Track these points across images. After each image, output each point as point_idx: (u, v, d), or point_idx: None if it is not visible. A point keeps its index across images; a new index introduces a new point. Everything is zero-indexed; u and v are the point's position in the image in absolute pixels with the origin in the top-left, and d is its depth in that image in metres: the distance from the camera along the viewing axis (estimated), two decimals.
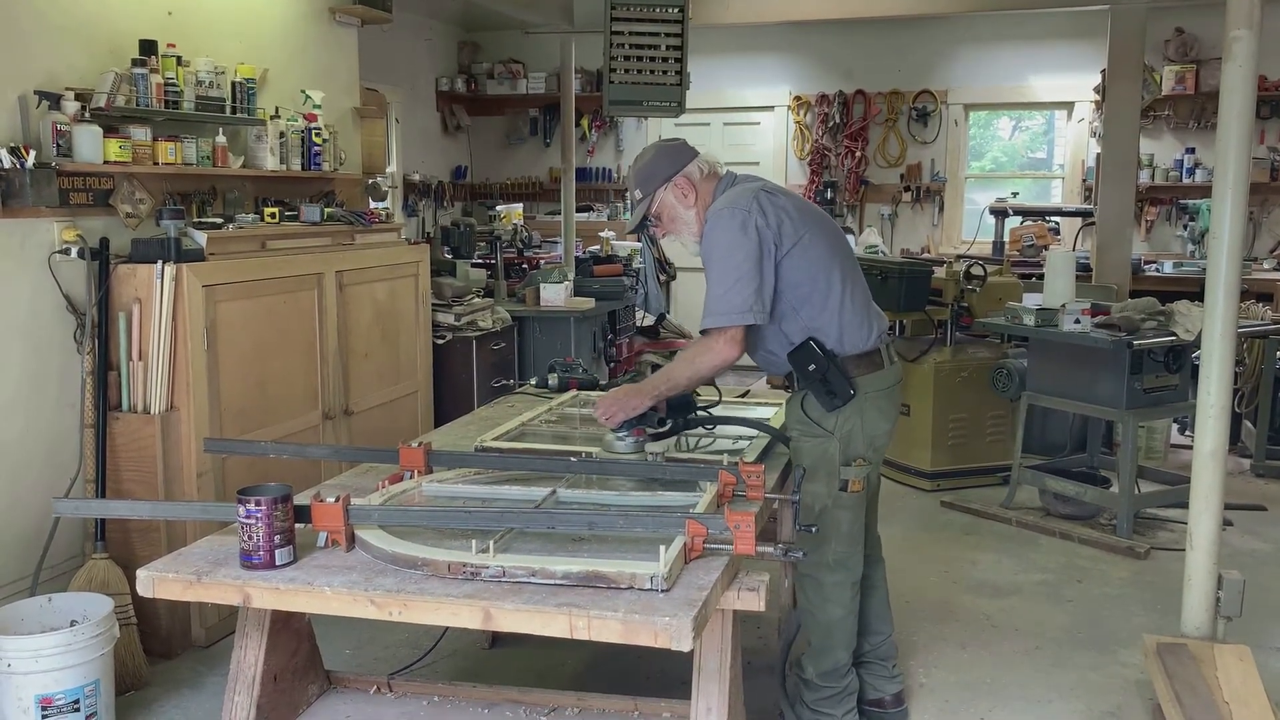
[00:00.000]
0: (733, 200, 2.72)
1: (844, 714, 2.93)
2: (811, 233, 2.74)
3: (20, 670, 2.74)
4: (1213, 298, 3.03)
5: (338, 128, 4.80)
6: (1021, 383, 5.11)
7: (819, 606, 2.88)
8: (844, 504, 2.80)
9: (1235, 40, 2.92)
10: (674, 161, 2.85)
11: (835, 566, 2.85)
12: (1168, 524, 4.82)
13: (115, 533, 3.37)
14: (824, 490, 2.78)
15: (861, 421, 2.78)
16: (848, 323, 2.76)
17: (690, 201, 2.83)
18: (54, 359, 3.40)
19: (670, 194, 2.83)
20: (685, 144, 2.95)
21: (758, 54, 8.52)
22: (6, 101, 3.28)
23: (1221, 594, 3.09)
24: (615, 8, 6.30)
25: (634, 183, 2.91)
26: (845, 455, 2.77)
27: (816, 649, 2.90)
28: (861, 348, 2.78)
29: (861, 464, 2.79)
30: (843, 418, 2.76)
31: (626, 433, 2.75)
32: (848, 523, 2.83)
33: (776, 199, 2.75)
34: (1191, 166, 7.62)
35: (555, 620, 1.90)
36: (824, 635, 2.88)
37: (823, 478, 2.78)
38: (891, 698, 3.08)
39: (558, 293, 5.88)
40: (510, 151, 9.09)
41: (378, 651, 3.50)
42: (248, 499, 2.08)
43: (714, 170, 2.89)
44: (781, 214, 2.71)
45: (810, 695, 2.93)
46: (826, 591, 2.86)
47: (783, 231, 2.69)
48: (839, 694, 2.92)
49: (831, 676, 2.90)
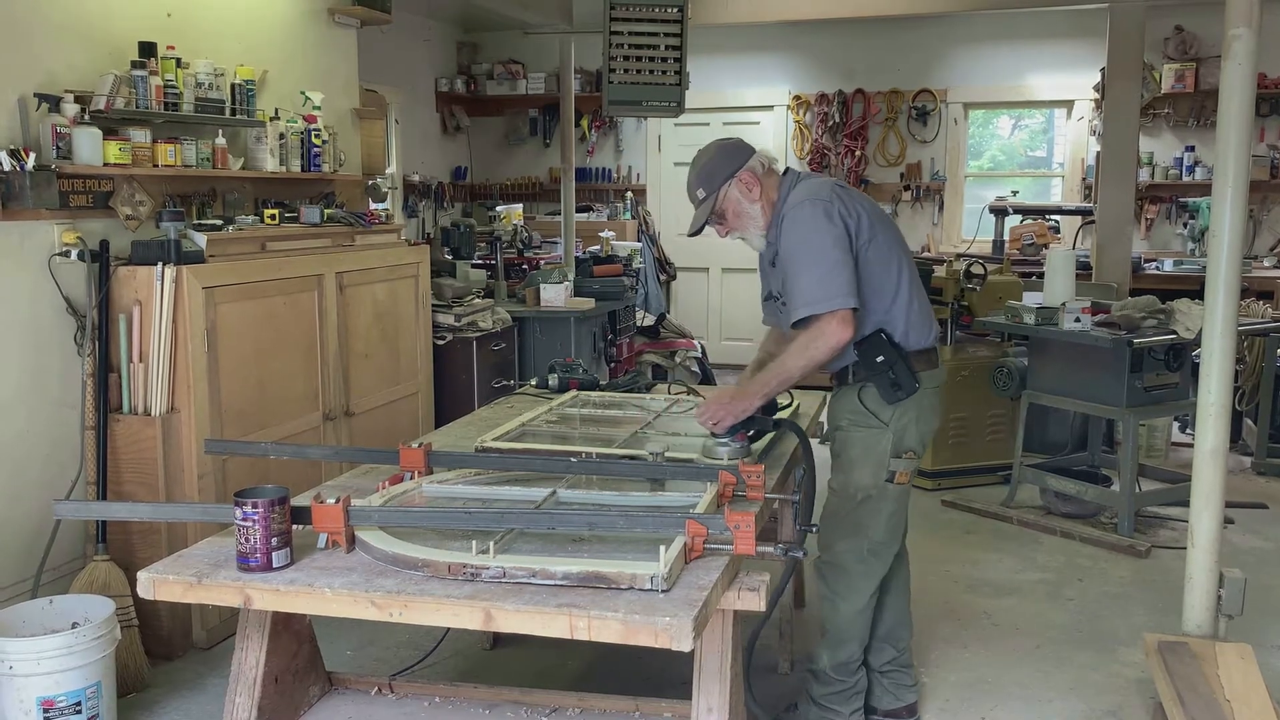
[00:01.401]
0: (813, 192, 2.74)
1: (851, 712, 2.94)
2: (881, 229, 2.78)
3: (22, 672, 2.74)
4: (1213, 296, 3.03)
5: (337, 129, 4.80)
6: (1022, 381, 5.11)
7: (844, 595, 2.89)
8: (889, 495, 2.83)
9: (1235, 38, 2.92)
10: (736, 158, 2.86)
11: (868, 557, 2.86)
12: (1169, 522, 4.82)
13: (116, 535, 3.37)
14: (869, 480, 2.82)
15: (917, 415, 2.82)
16: (913, 319, 2.80)
17: (755, 196, 2.84)
18: (54, 361, 3.41)
19: (735, 189, 2.84)
20: (743, 141, 2.97)
21: (757, 53, 8.52)
22: (6, 104, 3.28)
23: (1223, 592, 3.09)
24: (615, 8, 6.30)
25: (696, 182, 2.89)
26: (897, 447, 2.80)
27: (833, 639, 2.91)
28: (923, 344, 2.83)
29: (911, 457, 2.82)
30: (900, 410, 2.79)
31: (730, 437, 2.71)
32: (889, 514, 2.85)
33: (850, 192, 2.80)
34: (1191, 164, 7.61)
35: (556, 621, 1.90)
36: (844, 625, 2.89)
37: (870, 467, 2.81)
38: (906, 708, 3.08)
39: (558, 293, 5.88)
40: (510, 152, 9.10)
41: (378, 652, 3.50)
42: (244, 501, 2.08)
43: (771, 166, 2.91)
44: (858, 208, 2.75)
45: (819, 690, 2.93)
46: (854, 581, 2.87)
47: (860, 225, 2.73)
48: (848, 690, 2.92)
49: (844, 670, 2.91)
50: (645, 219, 8.78)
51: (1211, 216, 3.05)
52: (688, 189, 2.94)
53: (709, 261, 8.97)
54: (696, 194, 2.89)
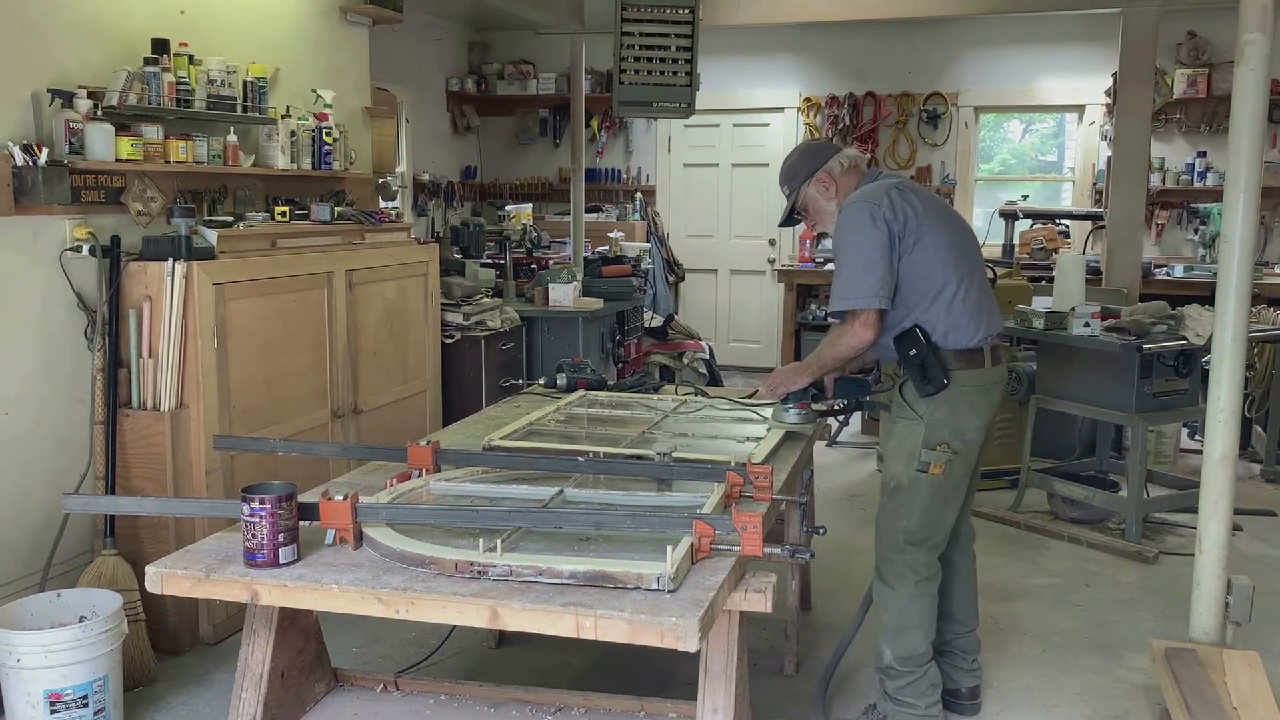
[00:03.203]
0: (866, 194, 2.89)
1: (927, 705, 2.94)
2: (935, 231, 2.87)
3: (29, 665, 2.75)
4: (1223, 302, 3.02)
5: (348, 127, 4.81)
6: (1031, 386, 5.10)
7: (891, 584, 2.95)
8: (922, 485, 2.89)
9: (1248, 44, 2.91)
10: (816, 158, 3.04)
11: (905, 546, 2.92)
12: (1177, 529, 4.81)
13: (124, 529, 3.38)
14: (902, 469, 2.91)
15: (951, 412, 2.88)
16: (955, 319, 2.87)
17: (831, 194, 3.01)
18: (65, 356, 3.42)
19: (813, 188, 3.03)
20: (829, 142, 3.23)
21: (768, 55, 8.52)
22: (20, 99, 3.30)
23: (1230, 599, 3.07)
24: (626, 8, 6.30)
25: (781, 180, 3.12)
26: (929, 439, 2.87)
27: (891, 630, 2.95)
28: (964, 344, 2.89)
29: (944, 449, 2.87)
30: (934, 405, 2.87)
31: (793, 404, 3.05)
32: (923, 505, 2.90)
33: (906, 195, 2.89)
34: (1203, 170, 7.58)
35: (562, 620, 1.90)
36: (898, 615, 2.93)
37: (904, 457, 2.91)
38: (968, 690, 3.16)
39: (566, 293, 5.88)
40: (520, 152, 9.11)
41: (384, 649, 3.51)
42: (252, 497, 2.08)
43: (855, 164, 3.05)
44: (908, 210, 2.85)
45: (891, 684, 2.96)
46: (898, 569, 2.94)
47: (907, 228, 2.83)
48: (919, 681, 2.93)
49: (910, 662, 2.92)
50: (654, 220, 8.79)
51: (1223, 222, 3.04)
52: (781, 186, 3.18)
53: (717, 263, 8.97)
54: (783, 190, 3.12)
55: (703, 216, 8.97)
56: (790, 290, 8.15)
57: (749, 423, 3.26)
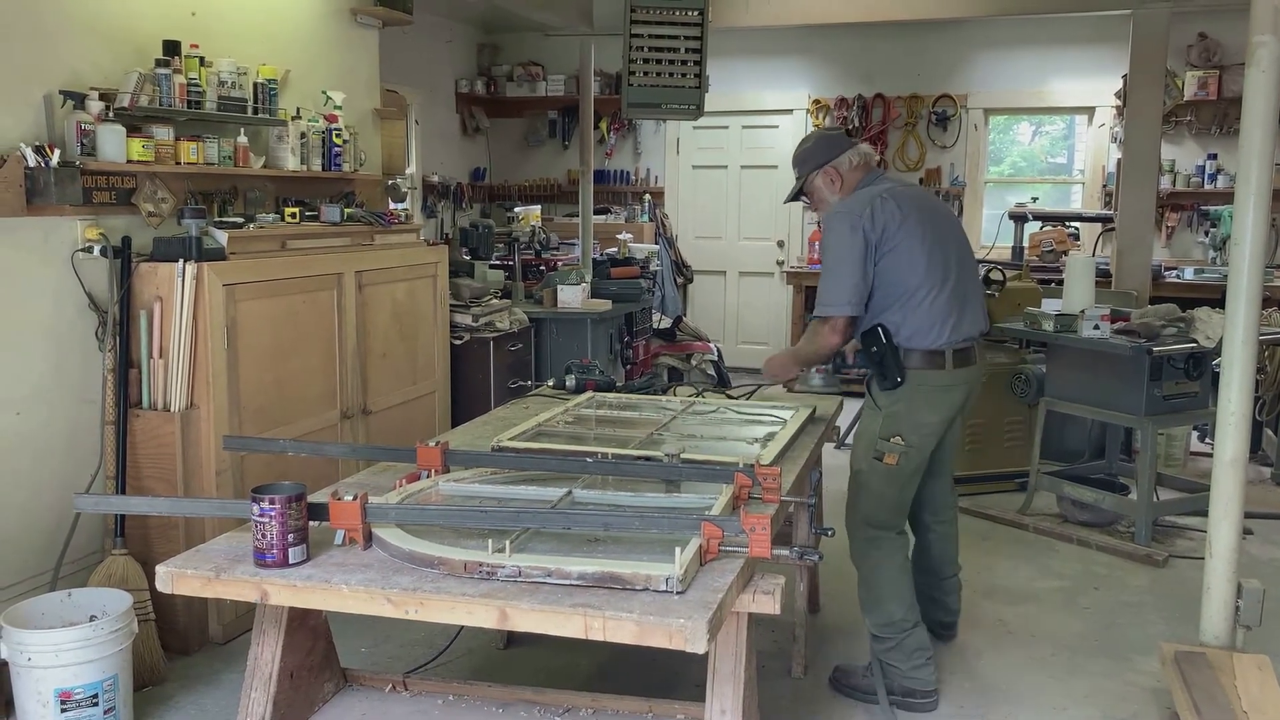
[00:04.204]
0: (850, 204, 3.11)
1: (911, 668, 3.14)
2: (911, 240, 3.05)
3: (40, 664, 2.76)
4: (1234, 305, 3.01)
5: (358, 128, 4.82)
6: (1040, 388, 5.09)
7: (860, 560, 3.23)
8: (878, 473, 3.16)
9: (1259, 45, 2.90)
10: (828, 150, 3.24)
11: (865, 527, 3.20)
12: (1186, 532, 4.79)
13: (135, 529, 3.39)
14: (862, 455, 3.20)
15: (909, 407, 3.11)
16: (919, 322, 3.07)
17: (836, 188, 3.23)
18: (76, 356, 3.43)
19: (820, 179, 3.25)
20: (843, 135, 3.40)
21: (777, 57, 8.52)
22: (32, 100, 3.31)
23: (1241, 603, 3.06)
24: (635, 10, 6.31)
25: (794, 162, 3.34)
26: (885, 430, 3.12)
27: (868, 602, 3.20)
28: (925, 345, 3.09)
29: (898, 442, 3.11)
30: (893, 398, 3.11)
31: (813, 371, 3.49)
32: (878, 493, 3.17)
33: (888, 205, 3.07)
34: (1213, 172, 7.56)
35: (570, 620, 1.90)
36: (869, 587, 3.19)
37: (864, 446, 3.19)
38: (949, 622, 3.57)
39: (575, 294, 5.89)
40: (529, 153, 9.12)
41: (393, 650, 3.52)
42: (262, 497, 2.09)
43: (865, 162, 3.26)
44: (888, 220, 3.04)
45: (878, 647, 3.20)
46: (862, 547, 3.22)
47: (884, 236, 3.03)
48: (902, 645, 3.14)
49: (889, 629, 3.15)
50: (663, 221, 8.79)
51: (1234, 225, 3.03)
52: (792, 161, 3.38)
53: (726, 265, 8.97)
54: (794, 171, 3.34)
55: (711, 218, 8.97)
56: (799, 292, 8.14)
57: (758, 424, 3.26)
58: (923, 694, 3.14)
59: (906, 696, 3.14)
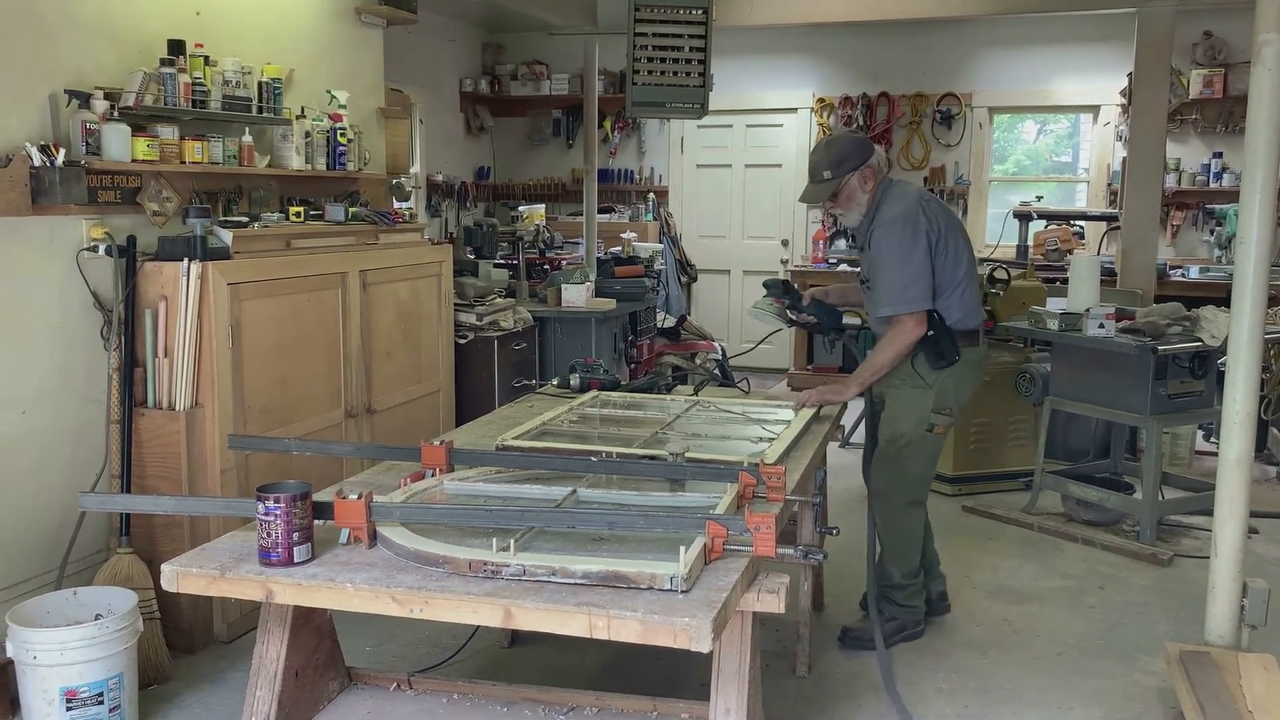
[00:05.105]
0: (905, 209, 3.38)
1: (921, 603, 3.66)
2: (953, 235, 3.44)
3: (45, 663, 2.77)
4: (1239, 303, 3.01)
5: (362, 128, 4.83)
6: (1045, 387, 5.08)
7: (899, 520, 3.57)
8: (927, 442, 3.51)
9: (1265, 44, 2.90)
10: (862, 152, 3.45)
11: (910, 489, 3.56)
12: (1191, 531, 4.78)
13: (140, 528, 3.40)
14: (911, 429, 3.48)
15: (955, 381, 3.48)
16: (966, 307, 3.48)
17: (868, 189, 3.45)
18: (81, 355, 3.44)
19: (856, 179, 3.44)
20: (866, 137, 3.75)
21: (781, 55, 8.51)
22: (37, 100, 3.32)
23: (1246, 602, 3.06)
24: (639, 9, 6.31)
25: (825, 163, 3.45)
26: (939, 405, 3.47)
27: (897, 554, 3.57)
28: (969, 325, 3.50)
29: (948, 414, 3.50)
30: (943, 375, 3.45)
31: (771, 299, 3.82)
32: (926, 457, 3.54)
33: (932, 206, 3.44)
34: (1219, 171, 7.54)
35: (575, 619, 1.90)
36: (902, 541, 3.57)
37: (913, 419, 3.48)
38: (938, 594, 3.81)
39: (579, 293, 5.89)
40: (533, 152, 9.12)
41: (398, 649, 3.52)
42: (266, 496, 2.09)
43: (882, 165, 3.56)
44: (938, 219, 3.41)
45: (900, 594, 3.60)
46: (904, 508, 3.57)
47: (939, 234, 3.39)
48: (917, 589, 3.63)
49: (910, 575, 3.60)
50: (667, 220, 8.79)
51: (1239, 223, 3.03)
52: (813, 167, 3.50)
53: (730, 264, 8.97)
54: (823, 174, 3.45)
55: (715, 217, 8.97)
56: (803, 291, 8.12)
57: (762, 423, 3.26)
58: (916, 621, 3.65)
59: (914, 628, 3.62)
